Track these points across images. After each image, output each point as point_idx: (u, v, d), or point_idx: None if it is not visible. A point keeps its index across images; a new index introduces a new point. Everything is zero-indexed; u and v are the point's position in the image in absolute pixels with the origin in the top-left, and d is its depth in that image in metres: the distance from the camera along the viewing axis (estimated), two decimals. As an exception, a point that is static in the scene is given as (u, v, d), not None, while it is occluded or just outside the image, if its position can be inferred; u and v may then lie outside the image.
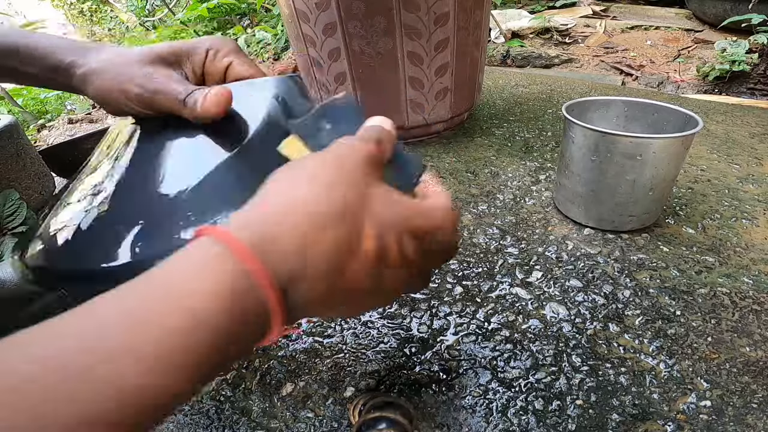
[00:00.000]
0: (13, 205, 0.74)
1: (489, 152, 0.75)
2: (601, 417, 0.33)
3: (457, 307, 0.44)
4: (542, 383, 0.36)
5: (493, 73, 1.24)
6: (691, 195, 0.57)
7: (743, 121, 0.78)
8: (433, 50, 0.70)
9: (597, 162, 0.47)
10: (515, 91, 1.05)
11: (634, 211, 0.49)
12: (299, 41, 0.75)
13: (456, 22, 0.69)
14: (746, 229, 0.50)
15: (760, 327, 0.38)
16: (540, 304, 0.43)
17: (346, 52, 0.70)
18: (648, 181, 0.46)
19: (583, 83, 1.08)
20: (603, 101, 0.55)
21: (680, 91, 1.17)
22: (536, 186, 0.63)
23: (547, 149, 0.74)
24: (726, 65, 1.12)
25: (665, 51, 1.42)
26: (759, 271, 0.44)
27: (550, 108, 0.92)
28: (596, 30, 1.63)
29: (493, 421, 0.33)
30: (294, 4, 0.69)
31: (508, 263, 0.48)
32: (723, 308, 0.40)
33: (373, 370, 0.38)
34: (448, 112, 0.79)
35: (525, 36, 1.63)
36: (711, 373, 0.35)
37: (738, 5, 1.34)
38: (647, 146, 0.43)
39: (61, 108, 1.97)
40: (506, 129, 0.83)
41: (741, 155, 0.66)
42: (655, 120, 0.53)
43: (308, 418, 0.35)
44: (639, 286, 0.44)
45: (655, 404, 0.33)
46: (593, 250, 0.49)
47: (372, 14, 0.65)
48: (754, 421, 0.31)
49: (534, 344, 0.39)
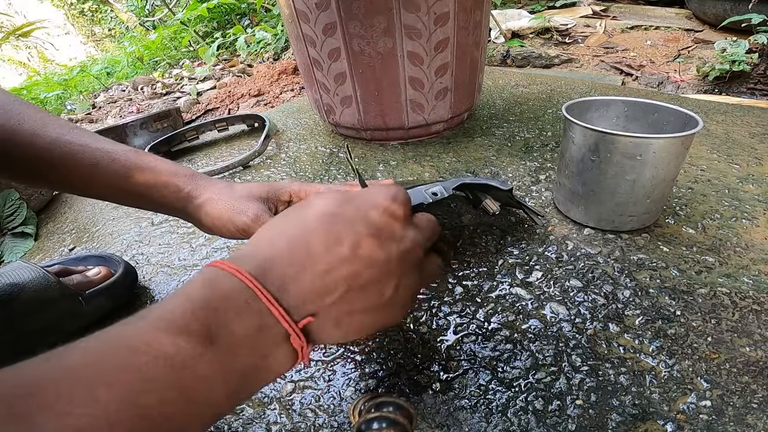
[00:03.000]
0: (13, 205, 0.74)
1: (489, 152, 0.75)
2: (601, 417, 0.33)
3: (457, 307, 0.44)
4: (542, 383, 0.36)
5: (493, 73, 1.24)
6: (691, 195, 0.57)
7: (743, 121, 0.78)
8: (433, 50, 0.70)
9: (597, 162, 0.47)
10: (515, 91, 1.05)
11: (634, 211, 0.49)
12: (299, 41, 0.75)
13: (456, 22, 0.69)
14: (746, 229, 0.50)
15: (760, 327, 0.38)
16: (540, 304, 0.43)
17: (346, 52, 0.70)
18: (648, 181, 0.46)
19: (583, 83, 1.08)
20: (603, 101, 0.55)
21: (680, 91, 1.17)
22: (536, 186, 0.63)
23: (547, 149, 0.74)
24: (726, 65, 1.12)
25: (665, 51, 1.42)
26: (759, 271, 0.44)
27: (550, 108, 0.92)
28: (596, 30, 1.63)
29: (493, 421, 0.33)
30: (294, 4, 0.69)
31: (508, 263, 0.48)
32: (723, 308, 0.40)
33: (373, 370, 0.38)
34: (448, 112, 0.79)
35: (525, 36, 1.63)
36: (711, 373, 0.35)
37: (738, 5, 1.34)
38: (647, 146, 0.43)
39: (61, 108, 1.97)
40: (506, 129, 0.83)
41: (741, 155, 0.66)
42: (655, 120, 0.53)
43: (308, 418, 0.35)
44: (639, 286, 0.44)
45: (655, 404, 0.33)
46: (593, 250, 0.49)
47: (372, 14, 0.65)
48: (754, 421, 0.31)
49: (534, 344, 0.39)
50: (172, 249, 0.60)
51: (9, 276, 0.42)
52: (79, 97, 2.03)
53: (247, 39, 2.12)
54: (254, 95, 1.44)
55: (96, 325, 0.48)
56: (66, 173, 0.39)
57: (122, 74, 2.54)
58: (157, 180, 0.40)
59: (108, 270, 0.50)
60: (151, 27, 3.26)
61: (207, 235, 0.62)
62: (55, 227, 0.75)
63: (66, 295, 0.44)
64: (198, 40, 2.44)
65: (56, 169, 0.39)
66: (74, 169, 0.39)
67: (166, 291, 0.52)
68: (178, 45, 2.58)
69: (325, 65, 0.74)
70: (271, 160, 0.83)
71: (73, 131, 0.40)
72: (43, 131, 0.38)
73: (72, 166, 0.39)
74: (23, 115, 0.38)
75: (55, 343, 0.18)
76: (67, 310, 0.45)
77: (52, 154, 0.38)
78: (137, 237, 0.65)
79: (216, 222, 0.40)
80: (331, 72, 0.75)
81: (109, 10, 4.25)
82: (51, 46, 4.46)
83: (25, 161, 0.38)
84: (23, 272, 0.43)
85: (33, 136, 0.38)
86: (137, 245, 0.63)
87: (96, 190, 0.41)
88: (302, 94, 1.38)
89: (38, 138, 0.38)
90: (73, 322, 0.46)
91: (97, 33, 4.59)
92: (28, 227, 0.73)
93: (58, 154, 0.38)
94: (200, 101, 1.50)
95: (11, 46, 4.08)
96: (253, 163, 0.83)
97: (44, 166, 0.38)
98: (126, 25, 3.96)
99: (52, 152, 0.38)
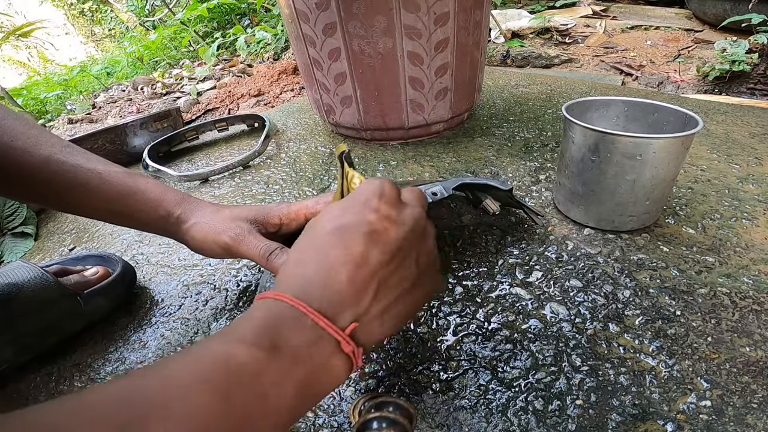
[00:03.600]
0: (13, 205, 0.74)
1: (489, 152, 0.75)
2: (601, 417, 0.33)
3: (457, 307, 0.44)
4: (542, 383, 0.36)
5: (493, 73, 1.24)
6: (691, 195, 0.57)
7: (743, 121, 0.78)
8: (433, 50, 0.70)
9: (597, 162, 0.47)
10: (515, 91, 1.05)
11: (634, 211, 0.49)
12: (299, 41, 0.75)
13: (456, 22, 0.69)
14: (746, 229, 0.50)
15: (760, 327, 0.38)
16: (540, 304, 0.43)
17: (346, 52, 0.70)
18: (648, 181, 0.46)
19: (583, 83, 1.08)
20: (603, 101, 0.55)
21: (680, 91, 1.17)
22: (536, 186, 0.63)
23: (547, 149, 0.74)
24: (726, 65, 1.12)
25: (665, 51, 1.42)
26: (759, 271, 0.44)
27: (550, 108, 0.92)
28: (596, 30, 1.63)
29: (493, 421, 0.33)
30: (294, 4, 0.69)
31: (508, 263, 0.48)
32: (723, 308, 0.40)
33: (373, 370, 0.38)
34: (448, 112, 0.79)
35: (525, 36, 1.63)
36: (711, 373, 0.35)
37: (738, 5, 1.34)
38: (647, 146, 0.43)
39: (61, 108, 1.97)
40: (506, 129, 0.83)
41: (741, 155, 0.66)
42: (655, 120, 0.53)
43: (308, 418, 0.35)
44: (639, 286, 0.44)
45: (655, 404, 0.33)
46: (593, 250, 0.49)
47: (372, 14, 0.65)
48: (754, 421, 0.31)
49: (534, 344, 0.39)
50: (172, 249, 0.60)
51: (7, 276, 0.42)
52: (79, 97, 2.03)
53: (247, 39, 2.12)
54: (254, 95, 1.44)
55: (95, 325, 0.48)
56: (58, 193, 0.39)
57: (122, 74, 2.54)
58: (147, 204, 0.42)
59: (106, 270, 0.50)
60: (151, 27, 3.26)
61: (207, 235, 0.62)
62: (55, 227, 0.75)
63: (65, 295, 0.44)
64: (198, 40, 2.44)
65: (50, 188, 0.39)
66: (66, 190, 0.39)
67: (166, 291, 0.52)
68: (178, 45, 2.58)
69: (325, 65, 0.74)
70: (271, 160, 0.83)
71: (65, 150, 0.40)
72: (35, 149, 0.38)
73: (64, 186, 0.39)
74: (16, 132, 0.38)
75: (54, 343, 0.18)
76: (66, 310, 0.45)
77: (43, 173, 0.38)
78: (137, 237, 0.65)
79: (201, 244, 0.42)
80: (331, 72, 0.74)
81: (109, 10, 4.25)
82: (51, 46, 4.46)
83: (20, 179, 0.38)
84: (22, 272, 0.43)
85: (25, 154, 0.38)
86: (137, 245, 0.63)
87: (87, 210, 0.42)
88: (302, 94, 1.38)
89: (30, 156, 0.38)
90: (72, 321, 0.46)
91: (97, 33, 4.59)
92: (28, 227, 0.73)
93: (49, 174, 0.38)
94: (200, 101, 1.50)
95: (11, 46, 4.08)
96: (253, 163, 0.83)
97: (38, 185, 0.39)
98: (126, 25, 3.96)
99: (43, 172, 0.38)
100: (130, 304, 0.51)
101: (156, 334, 0.46)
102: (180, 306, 0.50)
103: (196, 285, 0.52)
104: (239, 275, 0.53)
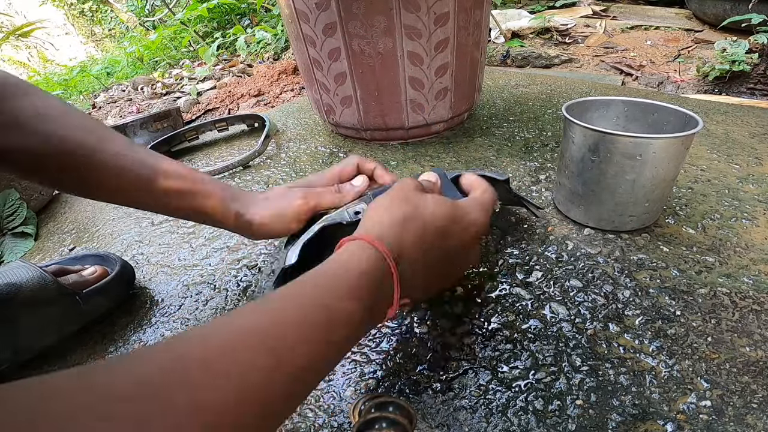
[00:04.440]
0: (13, 205, 0.74)
1: (489, 152, 0.75)
2: (601, 417, 0.33)
3: (457, 307, 0.44)
4: (542, 383, 0.36)
5: (493, 73, 1.24)
6: (691, 195, 0.57)
7: (743, 121, 0.78)
8: (433, 50, 0.70)
9: (597, 162, 0.47)
10: (515, 91, 1.05)
11: (634, 211, 0.49)
12: (299, 41, 0.75)
13: (456, 22, 0.69)
14: (746, 229, 0.50)
15: (760, 327, 0.38)
16: (540, 304, 0.43)
17: (346, 52, 0.70)
18: (648, 181, 0.46)
19: (583, 83, 1.08)
20: (603, 101, 0.55)
21: (680, 91, 1.17)
22: (536, 186, 0.63)
23: (547, 149, 0.74)
24: (726, 65, 1.12)
25: (665, 51, 1.42)
26: (759, 271, 0.44)
27: (550, 108, 0.92)
28: (596, 30, 1.63)
29: (493, 421, 0.33)
30: (294, 4, 0.69)
31: (508, 263, 0.48)
32: (723, 308, 0.40)
33: (373, 370, 0.38)
34: (448, 112, 0.79)
35: (525, 36, 1.63)
36: (711, 373, 0.35)
37: (738, 5, 1.34)
38: (647, 146, 0.43)
39: (61, 108, 1.96)
40: (506, 129, 0.83)
41: (741, 155, 0.66)
42: (655, 120, 0.53)
43: (308, 418, 0.35)
44: (639, 286, 0.44)
45: (655, 404, 0.33)
46: (593, 250, 0.49)
47: (372, 14, 0.65)
48: (754, 421, 0.31)
49: (534, 344, 0.39)
50: (172, 249, 0.60)
51: (6, 275, 0.42)
52: (79, 97, 2.03)
53: (247, 39, 2.12)
54: (254, 95, 1.44)
55: (95, 325, 0.48)
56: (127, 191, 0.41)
57: (122, 74, 2.54)
58: (214, 207, 0.44)
59: (104, 269, 0.50)
60: (151, 27, 3.26)
61: (207, 235, 0.62)
62: (55, 227, 0.75)
63: (63, 294, 0.44)
64: (198, 40, 2.44)
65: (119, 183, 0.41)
66: (135, 189, 0.41)
67: (166, 291, 0.52)
68: (178, 45, 2.58)
69: (325, 65, 0.74)
70: (271, 160, 0.83)
71: (133, 147, 0.42)
72: (106, 146, 0.40)
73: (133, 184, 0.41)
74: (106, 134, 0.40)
75: (53, 342, 0.18)
76: (65, 310, 0.45)
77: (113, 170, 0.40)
78: (137, 237, 0.65)
79: (270, 224, 0.45)
80: (331, 72, 0.74)
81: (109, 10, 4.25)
82: (51, 46, 4.46)
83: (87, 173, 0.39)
84: (21, 272, 0.43)
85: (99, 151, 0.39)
86: (137, 245, 0.63)
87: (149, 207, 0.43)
88: (302, 94, 1.38)
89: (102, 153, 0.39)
90: (71, 321, 0.46)
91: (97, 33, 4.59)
92: (28, 227, 0.73)
93: (117, 170, 0.40)
94: (200, 101, 1.50)
95: (11, 46, 4.08)
96: (253, 163, 0.83)
97: (107, 181, 0.40)
98: (126, 25, 3.96)
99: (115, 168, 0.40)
100: (129, 304, 0.51)
101: (156, 334, 0.46)
102: (180, 306, 0.50)
103: (196, 285, 0.52)
104: (239, 275, 0.53)
